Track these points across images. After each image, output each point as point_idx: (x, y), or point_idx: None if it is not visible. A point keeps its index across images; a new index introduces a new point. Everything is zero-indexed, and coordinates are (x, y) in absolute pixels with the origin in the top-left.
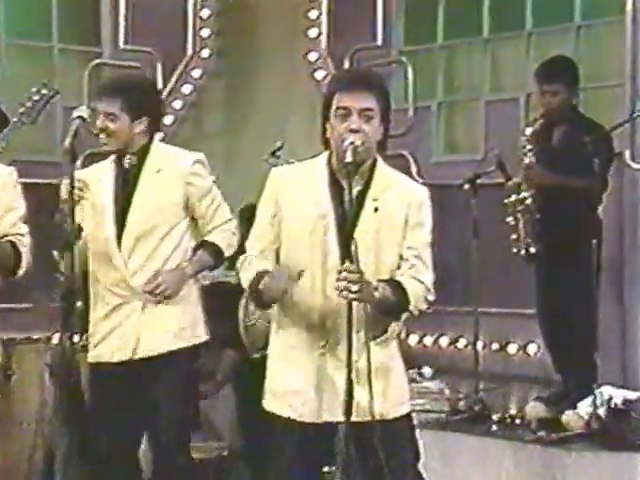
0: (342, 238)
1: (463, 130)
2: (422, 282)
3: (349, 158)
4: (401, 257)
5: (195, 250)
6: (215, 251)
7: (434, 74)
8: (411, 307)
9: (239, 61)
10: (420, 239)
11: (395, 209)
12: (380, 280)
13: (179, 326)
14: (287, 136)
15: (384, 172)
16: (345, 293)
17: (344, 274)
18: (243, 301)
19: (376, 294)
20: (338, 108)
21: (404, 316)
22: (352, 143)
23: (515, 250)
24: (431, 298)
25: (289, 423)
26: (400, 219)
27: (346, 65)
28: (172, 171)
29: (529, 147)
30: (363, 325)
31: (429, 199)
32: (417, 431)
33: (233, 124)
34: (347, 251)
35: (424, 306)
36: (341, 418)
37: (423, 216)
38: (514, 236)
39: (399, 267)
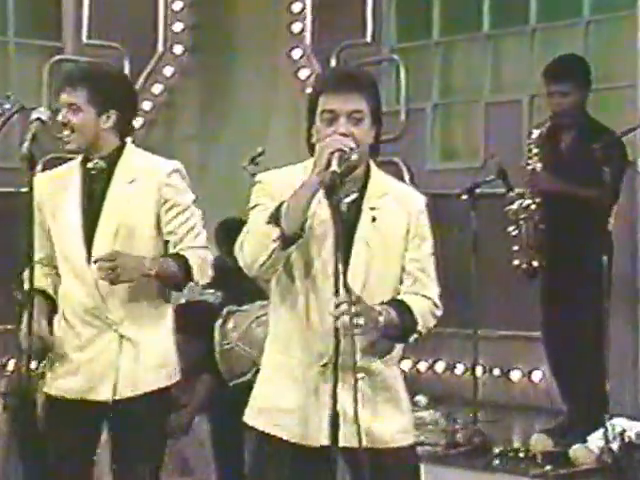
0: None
1: (461, 135)
2: (429, 298)
3: (334, 166)
4: (403, 270)
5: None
6: (183, 265)
7: (429, 73)
8: (419, 327)
9: (215, 58)
10: (423, 250)
11: (395, 218)
12: (383, 302)
13: (157, 363)
14: (268, 141)
15: (379, 179)
16: (349, 330)
17: (343, 307)
18: (219, 321)
19: (380, 319)
20: (324, 111)
21: (412, 338)
22: (339, 149)
23: (516, 263)
24: (439, 314)
25: (280, 444)
26: (401, 229)
27: (332, 63)
28: (146, 183)
29: (535, 151)
30: (366, 344)
31: (427, 208)
32: None
33: (208, 128)
34: (338, 270)
35: (432, 324)
36: (340, 443)
37: (424, 225)
38: (516, 247)
39: (402, 282)
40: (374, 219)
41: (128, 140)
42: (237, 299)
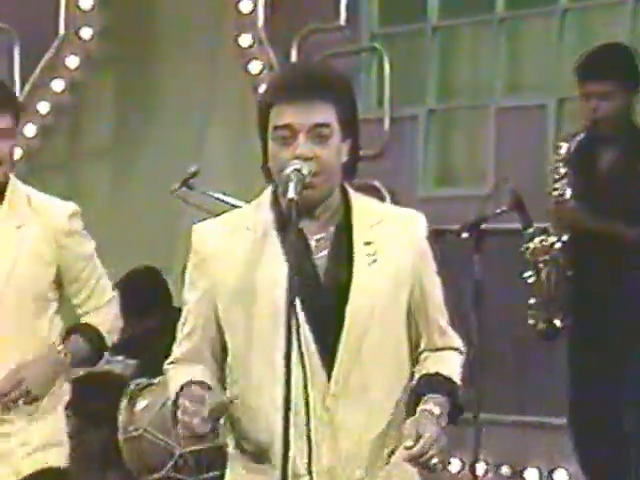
0: (316, 319)
1: (464, 151)
2: (457, 348)
3: (291, 193)
4: (410, 317)
5: (68, 334)
6: (95, 338)
7: (423, 68)
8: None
9: (135, 45)
10: (437, 287)
11: (398, 251)
12: (423, 380)
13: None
14: (205, 157)
15: (364, 203)
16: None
17: (417, 449)
18: (125, 402)
19: (442, 423)
20: (277, 127)
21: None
22: (297, 170)
23: (533, 321)
24: (462, 358)
25: None
26: (406, 264)
27: (293, 55)
28: (39, 228)
29: (563, 172)
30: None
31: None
32: None
33: (125, 137)
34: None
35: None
36: None
37: (429, 251)
38: (532, 300)
39: (413, 336)
40: (374, 259)
41: (10, 167)
42: (154, 368)
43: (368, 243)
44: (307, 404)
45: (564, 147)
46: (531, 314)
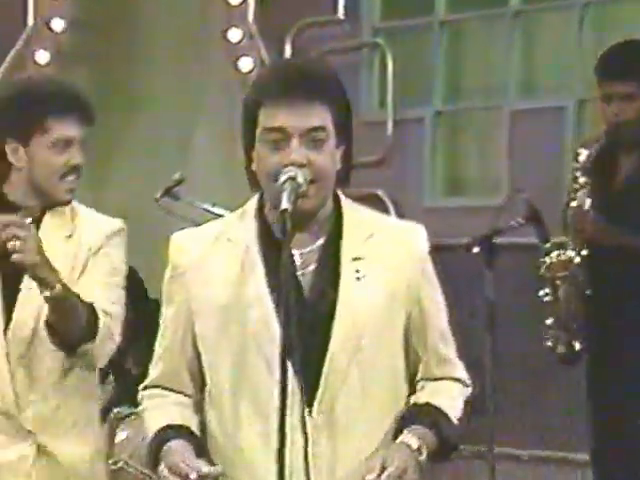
0: (300, 340)
1: (474, 157)
2: (458, 379)
3: (285, 203)
4: (408, 343)
5: None
6: (87, 311)
7: (429, 66)
8: (458, 433)
9: (113, 39)
10: (438, 310)
11: (390, 269)
12: (408, 412)
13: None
14: (192, 163)
15: (357, 215)
16: None
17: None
18: (104, 430)
19: (421, 459)
20: (267, 129)
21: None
22: (292, 179)
23: (550, 344)
24: (469, 393)
25: None
26: (400, 283)
27: (287, 51)
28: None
29: (582, 180)
30: None
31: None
32: None
33: (101, 140)
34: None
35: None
36: None
37: (430, 270)
38: (550, 321)
39: (411, 362)
40: (363, 275)
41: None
42: (133, 395)
43: (357, 259)
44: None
45: (584, 154)
46: (548, 336)
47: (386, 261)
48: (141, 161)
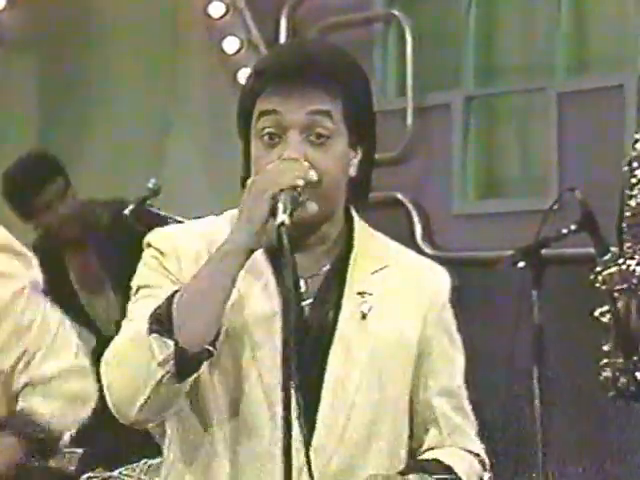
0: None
1: (514, 151)
2: (475, 454)
3: (282, 216)
4: (413, 405)
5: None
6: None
7: (457, 43)
8: None
9: (66, 24)
10: (455, 372)
11: (401, 312)
12: (409, 467)
13: None
14: (168, 170)
15: (370, 241)
16: None
17: None
18: None
19: None
20: (260, 114)
21: None
22: (291, 186)
23: (608, 374)
24: (487, 478)
25: None
26: (412, 331)
27: (282, 28)
28: None
29: None
30: None
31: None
32: None
33: (56, 144)
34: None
35: None
36: None
37: (450, 320)
38: (607, 347)
39: (421, 430)
40: (364, 315)
41: None
42: (107, 455)
43: (363, 294)
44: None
45: None
46: (605, 365)
47: (398, 299)
48: (104, 169)
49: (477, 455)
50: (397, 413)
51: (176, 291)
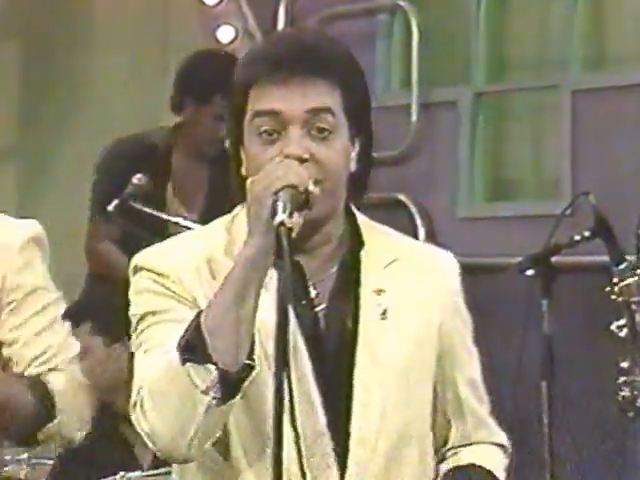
0: (323, 392)
1: (525, 151)
2: (501, 445)
3: (281, 215)
4: (435, 394)
5: None
6: (40, 397)
7: (466, 35)
8: None
9: (50, 10)
10: (474, 360)
11: (417, 304)
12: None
13: None
14: None
15: (375, 234)
16: None
17: None
18: None
19: None
20: (256, 113)
21: None
22: (289, 185)
23: (626, 394)
24: (507, 462)
25: None
26: (430, 326)
27: (280, 18)
28: None
29: None
30: None
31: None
32: None
33: (36, 133)
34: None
35: None
36: None
37: (463, 307)
38: (625, 364)
39: (437, 426)
40: (384, 314)
41: None
42: (84, 468)
43: (379, 291)
44: None
45: None
46: (624, 383)
47: (411, 293)
48: (86, 166)
49: (501, 445)
50: (425, 411)
51: (199, 313)
